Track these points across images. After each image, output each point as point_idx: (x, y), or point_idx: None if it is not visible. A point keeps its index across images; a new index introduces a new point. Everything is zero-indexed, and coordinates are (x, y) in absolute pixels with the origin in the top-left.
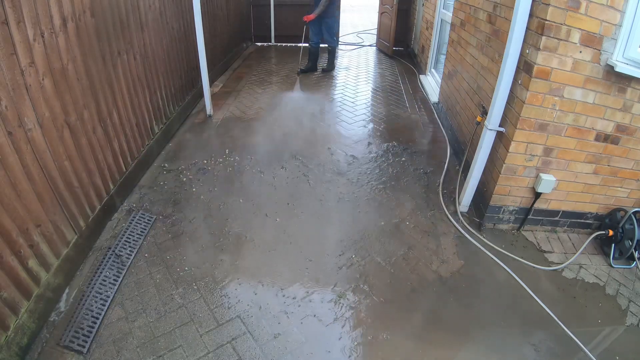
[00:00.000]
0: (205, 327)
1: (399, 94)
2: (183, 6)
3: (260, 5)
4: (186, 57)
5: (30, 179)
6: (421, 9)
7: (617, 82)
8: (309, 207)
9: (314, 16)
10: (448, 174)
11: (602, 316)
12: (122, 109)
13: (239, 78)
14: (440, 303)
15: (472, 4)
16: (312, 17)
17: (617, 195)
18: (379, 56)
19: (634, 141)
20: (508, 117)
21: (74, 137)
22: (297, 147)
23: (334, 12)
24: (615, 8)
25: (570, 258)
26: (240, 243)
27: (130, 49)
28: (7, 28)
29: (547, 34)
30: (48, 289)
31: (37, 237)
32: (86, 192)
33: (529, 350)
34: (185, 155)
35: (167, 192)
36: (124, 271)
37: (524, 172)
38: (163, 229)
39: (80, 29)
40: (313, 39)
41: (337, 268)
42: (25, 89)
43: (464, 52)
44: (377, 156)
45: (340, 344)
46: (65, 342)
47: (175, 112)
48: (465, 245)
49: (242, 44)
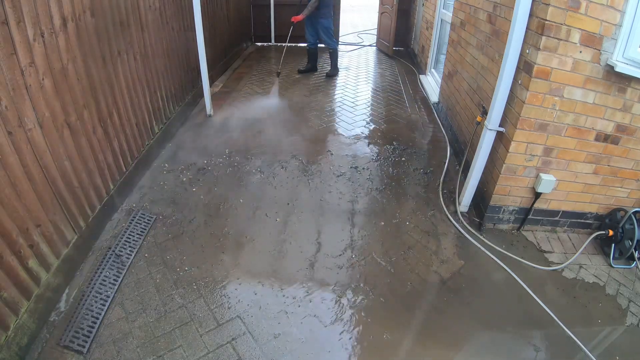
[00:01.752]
0: (205, 327)
1: (399, 94)
2: (183, 6)
3: (260, 5)
4: (186, 57)
5: (30, 179)
6: (421, 9)
7: (617, 82)
8: (309, 207)
9: (302, 17)
10: (448, 174)
11: (602, 316)
12: (122, 109)
13: (239, 78)
14: (440, 303)
15: (472, 4)
16: (300, 18)
17: (617, 195)
18: (379, 56)
19: (634, 141)
20: (508, 117)
21: (74, 137)
22: (297, 147)
23: (329, 13)
24: (615, 8)
25: (570, 258)
26: (240, 243)
27: (130, 49)
28: (7, 28)
29: (547, 34)
30: (48, 289)
31: (37, 237)
32: (86, 192)
33: (529, 350)
34: (186, 155)
35: (167, 192)
36: (124, 271)
37: (524, 172)
38: (163, 229)
39: (80, 29)
40: (309, 40)
41: (337, 268)
42: (25, 89)
43: (464, 52)
44: (377, 156)
45: (340, 344)
46: (65, 342)
47: (175, 112)
48: (465, 246)
49: (242, 44)
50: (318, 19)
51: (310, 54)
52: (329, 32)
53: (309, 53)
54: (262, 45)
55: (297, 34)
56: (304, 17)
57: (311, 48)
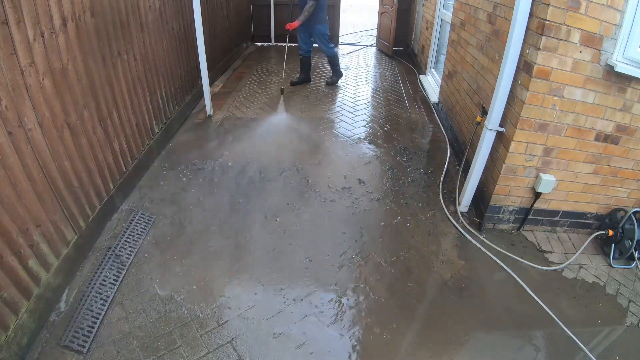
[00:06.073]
0: (205, 327)
1: (399, 94)
2: (183, 6)
3: (260, 5)
4: (186, 57)
5: (30, 179)
6: (421, 9)
7: (617, 82)
8: (309, 207)
9: (298, 23)
10: (448, 174)
11: (602, 316)
12: (122, 109)
13: (239, 78)
14: (440, 303)
15: (472, 4)
16: (295, 25)
17: (617, 195)
18: (379, 56)
19: (634, 141)
20: (508, 117)
21: (74, 137)
22: (296, 147)
23: (324, 18)
24: (615, 8)
25: (570, 258)
26: (240, 243)
27: (130, 49)
28: (7, 28)
29: (547, 34)
30: (48, 289)
31: (37, 237)
32: (86, 192)
33: (529, 350)
34: (186, 155)
35: (167, 192)
36: (124, 271)
37: (524, 172)
38: (163, 229)
39: (80, 29)
40: (302, 47)
41: (337, 268)
42: (25, 89)
43: (464, 52)
44: (377, 156)
45: (340, 344)
46: (65, 342)
47: (175, 112)
48: (465, 245)
49: (242, 44)
50: (313, 25)
51: (303, 63)
52: (326, 37)
53: (302, 62)
54: (262, 45)
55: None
56: (301, 24)
57: (305, 56)
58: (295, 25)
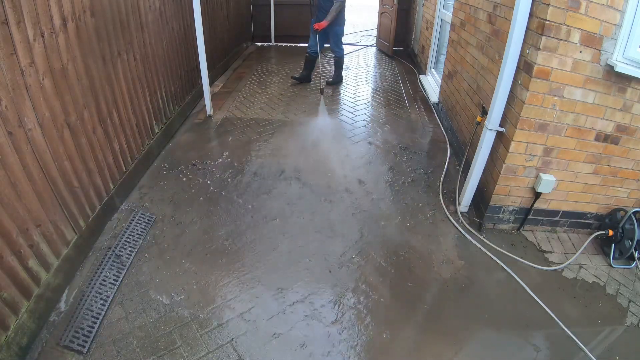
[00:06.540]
0: (205, 327)
1: (399, 94)
2: (183, 6)
3: (260, 5)
4: (186, 57)
5: (30, 179)
6: (421, 9)
7: (617, 82)
8: (309, 207)
9: (327, 23)
10: (448, 174)
11: (602, 316)
12: (122, 109)
13: (239, 78)
14: (440, 303)
15: (472, 4)
16: (324, 25)
17: (617, 195)
18: (379, 56)
19: (634, 141)
20: (508, 117)
21: (74, 137)
22: (296, 147)
23: (344, 19)
24: (615, 8)
25: (570, 258)
26: (240, 243)
27: (130, 49)
28: (7, 28)
29: (547, 34)
30: (48, 289)
31: (37, 237)
32: (86, 192)
33: (529, 350)
34: (185, 155)
35: (167, 192)
36: (124, 271)
37: (524, 172)
38: (163, 229)
39: (80, 29)
40: (312, 46)
41: (338, 268)
42: (25, 89)
43: (464, 52)
44: (377, 156)
45: (340, 344)
46: (65, 342)
47: (175, 112)
48: (466, 246)
49: (242, 44)
50: (333, 26)
51: (308, 61)
52: (340, 38)
53: (307, 60)
54: (262, 45)
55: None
56: (328, 24)
57: (312, 55)
58: (324, 25)
